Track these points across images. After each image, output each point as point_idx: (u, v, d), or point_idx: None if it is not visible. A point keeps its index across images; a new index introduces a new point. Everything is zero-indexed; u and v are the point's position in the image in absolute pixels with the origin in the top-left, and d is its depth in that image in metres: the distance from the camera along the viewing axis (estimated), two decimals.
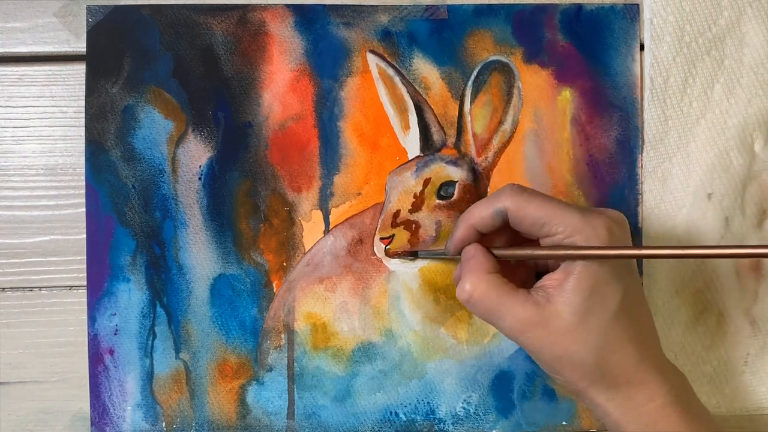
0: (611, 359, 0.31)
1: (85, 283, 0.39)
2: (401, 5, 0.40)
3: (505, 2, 0.41)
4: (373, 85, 0.40)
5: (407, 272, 0.40)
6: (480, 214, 0.34)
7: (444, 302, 0.40)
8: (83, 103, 0.40)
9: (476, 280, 0.32)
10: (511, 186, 0.33)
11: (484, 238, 0.35)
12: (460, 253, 0.35)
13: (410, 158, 0.40)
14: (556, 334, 0.31)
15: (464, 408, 0.40)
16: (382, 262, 0.40)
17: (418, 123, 0.40)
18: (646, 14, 0.40)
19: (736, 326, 0.41)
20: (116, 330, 0.39)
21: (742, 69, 0.40)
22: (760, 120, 0.40)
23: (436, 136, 0.40)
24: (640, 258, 0.31)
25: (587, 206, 0.35)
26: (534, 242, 0.34)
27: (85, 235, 0.39)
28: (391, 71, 0.40)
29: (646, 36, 0.40)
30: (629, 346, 0.32)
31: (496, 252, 0.34)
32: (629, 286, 0.32)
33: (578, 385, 0.32)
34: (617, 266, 0.32)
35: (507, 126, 0.40)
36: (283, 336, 0.40)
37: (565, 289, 0.31)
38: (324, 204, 0.40)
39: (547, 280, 0.32)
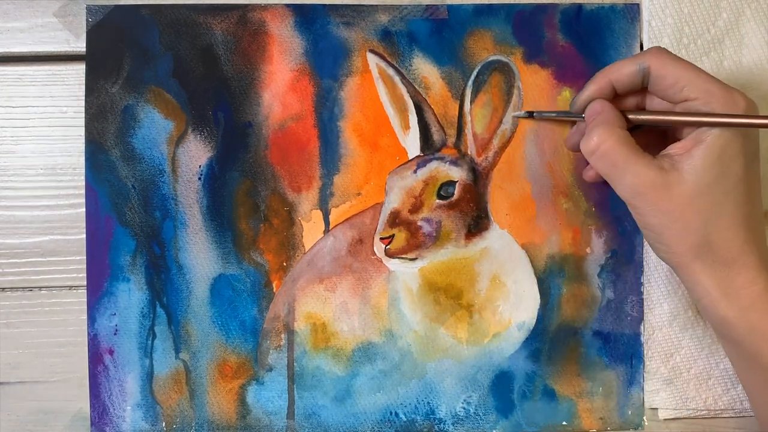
0: (721, 235, 0.32)
1: (85, 283, 0.39)
2: (401, 5, 0.40)
3: (505, 2, 0.41)
4: (373, 85, 0.40)
5: (407, 272, 0.40)
6: (621, 69, 0.34)
7: (444, 302, 0.40)
8: (83, 103, 0.40)
9: (605, 133, 0.32)
10: (657, 47, 0.34)
11: (614, 102, 0.35)
12: (584, 111, 0.35)
13: (410, 158, 0.40)
14: (675, 200, 0.32)
15: (464, 408, 0.40)
16: (382, 262, 0.40)
17: (418, 123, 0.40)
18: (645, 16, 0.40)
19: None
20: (116, 330, 0.39)
21: (741, 70, 0.40)
22: None
23: (436, 136, 0.40)
24: None
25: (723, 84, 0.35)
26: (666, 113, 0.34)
27: (85, 235, 0.39)
28: (391, 71, 0.40)
29: (645, 38, 0.40)
30: (740, 225, 0.32)
31: (630, 115, 0.34)
32: (751, 166, 0.32)
33: (683, 258, 0.32)
34: (745, 143, 0.32)
35: (507, 126, 0.40)
36: (283, 336, 0.40)
37: (692, 156, 0.32)
38: (324, 204, 0.40)
39: (674, 148, 0.33)
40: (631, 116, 0.34)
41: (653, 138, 0.36)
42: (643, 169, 0.32)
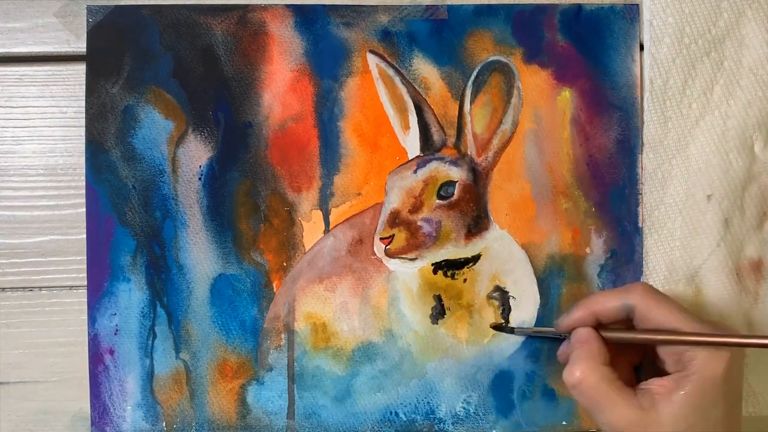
0: None
1: (85, 283, 0.39)
2: (401, 5, 0.40)
3: (505, 2, 0.41)
4: (373, 85, 0.40)
5: (407, 272, 0.40)
6: (606, 304, 0.34)
7: (444, 302, 0.40)
8: (83, 103, 0.40)
9: (588, 370, 0.33)
10: (643, 285, 0.34)
11: (598, 326, 0.35)
12: (568, 333, 0.36)
13: (410, 158, 0.40)
14: None
15: (464, 408, 0.40)
16: (382, 262, 0.40)
17: (418, 123, 0.40)
18: (646, 16, 0.40)
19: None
20: (116, 330, 0.39)
21: (742, 71, 0.40)
22: (760, 121, 0.40)
23: (436, 136, 0.40)
24: (757, 347, 0.32)
25: (710, 320, 0.36)
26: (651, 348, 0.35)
27: (85, 235, 0.39)
28: (391, 71, 0.40)
29: (646, 37, 0.40)
30: None
31: (607, 334, 0.35)
32: (732, 411, 0.33)
33: None
34: (728, 390, 0.32)
35: (507, 126, 0.40)
36: (283, 336, 0.40)
37: (672, 401, 0.32)
38: (324, 204, 0.40)
39: (655, 383, 0.33)
40: (607, 336, 0.35)
41: (633, 351, 0.37)
42: (623, 409, 0.32)
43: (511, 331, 0.40)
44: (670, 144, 0.40)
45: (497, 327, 0.40)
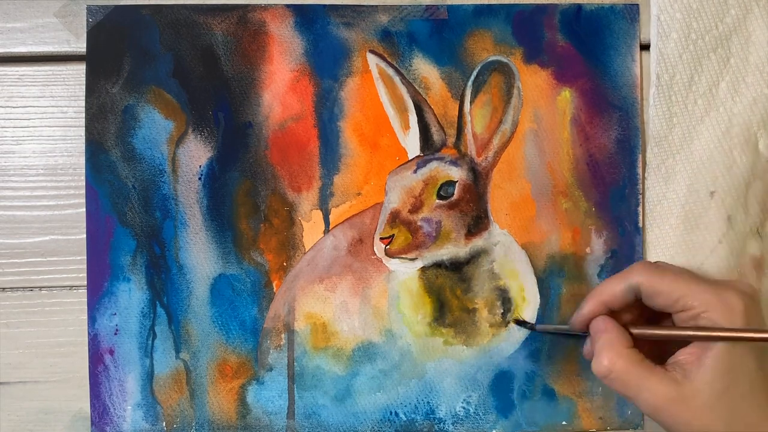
0: (746, 430, 0.32)
1: (85, 283, 0.39)
2: (401, 5, 0.40)
3: (505, 2, 0.41)
4: (373, 85, 0.40)
5: (407, 272, 0.40)
6: (612, 290, 0.34)
7: (444, 302, 0.40)
8: (83, 103, 0.40)
9: (614, 356, 0.33)
10: (642, 262, 0.35)
11: (613, 315, 0.35)
12: (585, 329, 0.36)
13: (410, 158, 0.40)
14: (694, 411, 0.32)
15: (464, 408, 0.40)
16: (382, 262, 0.40)
17: (418, 123, 0.40)
18: (653, 11, 0.40)
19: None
20: (116, 330, 0.39)
21: (748, 68, 0.40)
22: (765, 119, 0.40)
23: (436, 136, 0.40)
24: None
25: (718, 279, 0.36)
26: (665, 315, 0.35)
27: (85, 235, 0.39)
28: (391, 71, 0.40)
29: (653, 32, 0.40)
30: (763, 416, 0.32)
31: (633, 330, 0.34)
32: (764, 360, 0.33)
33: None
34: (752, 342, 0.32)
35: (507, 126, 0.40)
36: (283, 336, 0.40)
37: (703, 366, 0.32)
38: (324, 204, 0.40)
39: (682, 354, 0.33)
40: (635, 332, 0.34)
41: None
42: (658, 386, 0.32)
43: (533, 328, 0.40)
44: (675, 139, 0.40)
45: (519, 322, 0.40)
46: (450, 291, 0.40)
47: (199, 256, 0.40)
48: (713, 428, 0.32)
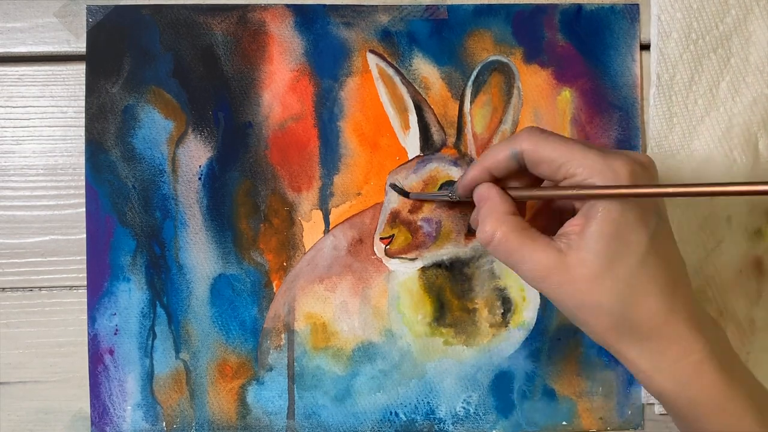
0: (640, 309, 0.30)
1: (85, 283, 0.39)
2: (401, 5, 0.40)
3: (505, 2, 0.41)
4: (373, 85, 0.40)
5: (407, 272, 0.40)
6: (496, 156, 0.32)
7: (444, 302, 0.40)
8: (83, 103, 0.40)
9: (497, 222, 0.31)
10: (529, 128, 0.32)
11: (501, 183, 0.34)
12: (470, 195, 0.34)
13: (410, 158, 0.40)
14: (579, 282, 0.30)
15: (464, 408, 0.40)
16: (382, 262, 0.40)
17: (418, 123, 0.40)
18: (654, 10, 0.40)
19: (735, 325, 0.41)
20: (116, 330, 0.39)
21: (748, 68, 0.40)
22: (765, 119, 0.40)
23: (436, 136, 0.40)
24: (658, 196, 0.29)
25: (612, 148, 0.33)
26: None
27: (85, 235, 0.39)
28: (391, 71, 0.40)
29: (653, 32, 0.40)
30: (659, 295, 0.30)
31: (512, 193, 0.32)
32: (657, 230, 0.30)
33: (606, 337, 0.31)
34: (642, 209, 0.30)
35: (507, 126, 0.40)
36: (283, 336, 0.40)
37: (586, 234, 0.30)
38: (324, 204, 0.40)
39: (569, 226, 0.31)
40: (513, 194, 0.33)
41: (551, 217, 0.35)
42: (540, 254, 0.30)
43: (406, 194, 0.39)
44: (675, 139, 0.40)
45: (394, 187, 0.39)
46: (450, 291, 0.40)
47: (199, 256, 0.40)
48: (600, 300, 0.30)
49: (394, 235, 0.40)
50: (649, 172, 0.31)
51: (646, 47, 0.41)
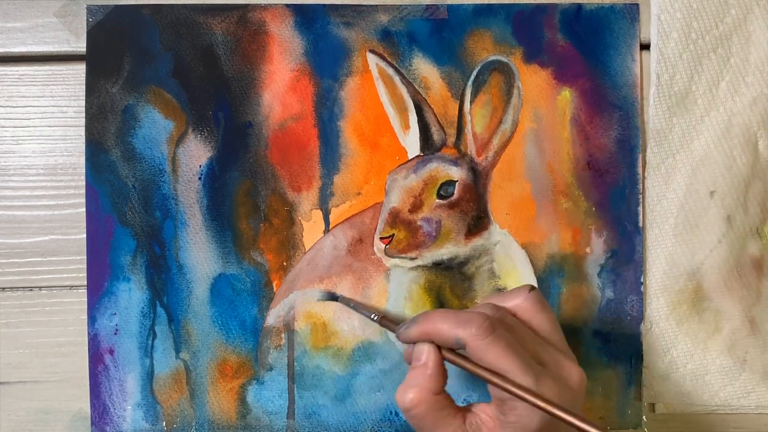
0: None
1: (85, 283, 0.39)
2: (401, 5, 0.40)
3: (505, 2, 0.41)
4: (373, 85, 0.40)
5: (407, 272, 0.40)
6: (442, 333, 0.32)
7: (444, 301, 0.40)
8: (83, 103, 0.40)
9: (419, 398, 0.32)
10: (481, 317, 0.31)
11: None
12: (407, 342, 0.34)
13: (410, 158, 0.40)
14: None
15: None
16: (382, 261, 0.40)
17: (418, 123, 0.40)
18: (654, 10, 0.40)
19: (734, 325, 0.41)
20: (116, 330, 0.39)
21: (748, 68, 0.40)
22: (765, 119, 0.40)
23: (436, 136, 0.40)
24: (567, 423, 0.30)
25: (558, 357, 0.33)
26: None
27: (85, 235, 0.39)
28: (391, 71, 0.40)
29: (653, 32, 0.40)
30: None
31: (448, 356, 0.33)
32: None
33: None
34: (550, 425, 0.31)
35: (507, 126, 0.40)
36: (283, 335, 0.40)
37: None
38: (324, 204, 0.40)
39: (483, 412, 0.32)
40: (450, 357, 0.33)
41: None
42: None
43: (336, 299, 0.40)
44: (675, 139, 0.40)
45: (329, 296, 0.40)
46: (450, 290, 0.40)
47: (199, 255, 0.40)
48: None
49: (394, 234, 0.40)
50: (574, 393, 0.32)
51: (646, 47, 0.41)
